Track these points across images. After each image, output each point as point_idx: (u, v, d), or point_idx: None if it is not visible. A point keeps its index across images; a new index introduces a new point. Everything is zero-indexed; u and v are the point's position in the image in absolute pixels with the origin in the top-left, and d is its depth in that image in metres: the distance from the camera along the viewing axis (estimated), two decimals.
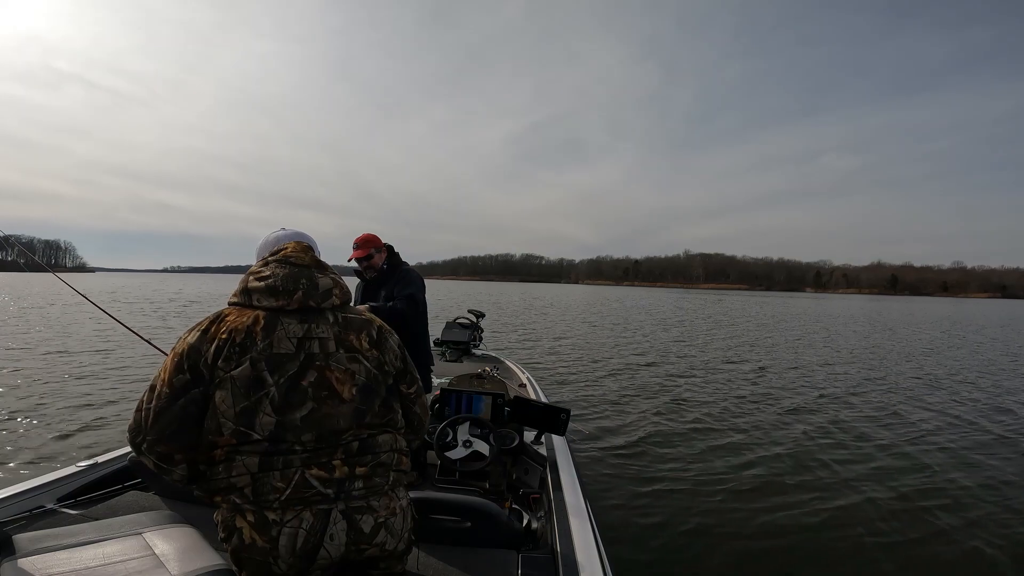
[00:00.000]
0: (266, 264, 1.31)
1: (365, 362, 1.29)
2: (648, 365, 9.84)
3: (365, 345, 1.31)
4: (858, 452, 4.90)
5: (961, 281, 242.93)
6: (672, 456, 4.60)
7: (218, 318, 1.23)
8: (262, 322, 1.21)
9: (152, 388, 1.18)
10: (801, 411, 6.42)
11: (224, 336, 1.18)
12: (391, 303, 2.86)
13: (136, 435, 1.18)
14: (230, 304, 1.28)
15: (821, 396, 7.40)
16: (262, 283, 1.25)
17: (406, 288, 2.93)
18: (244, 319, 1.22)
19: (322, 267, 1.34)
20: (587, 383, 7.83)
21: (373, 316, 1.41)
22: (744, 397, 7.15)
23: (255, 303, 1.25)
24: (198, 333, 1.21)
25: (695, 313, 28.87)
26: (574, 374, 8.59)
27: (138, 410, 1.18)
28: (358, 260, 2.95)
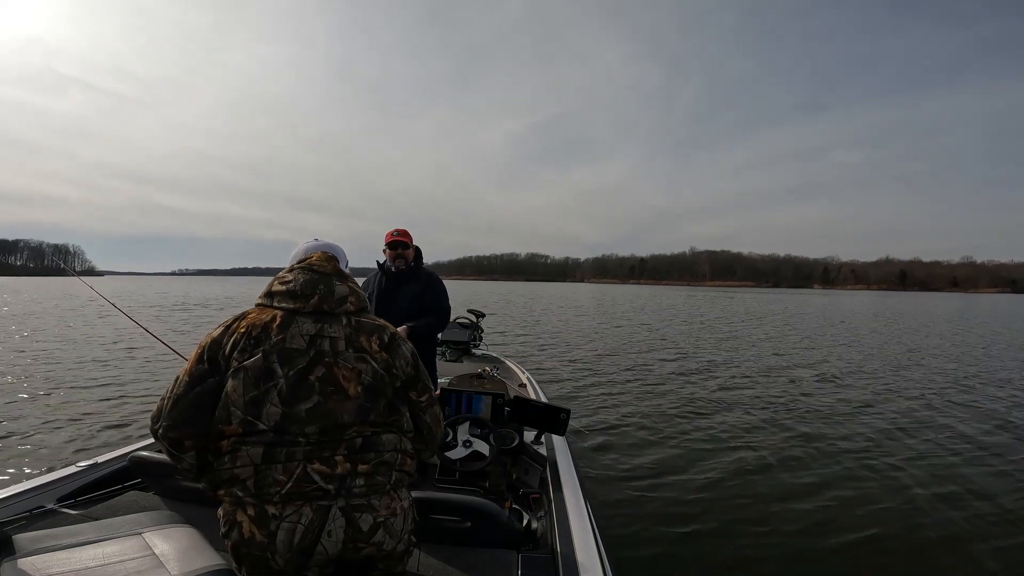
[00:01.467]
0: (291, 270, 1.40)
1: (373, 363, 1.32)
2: (650, 363, 9.82)
3: (375, 347, 1.35)
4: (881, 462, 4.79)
5: (971, 276, 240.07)
6: (673, 456, 4.59)
7: (241, 315, 1.32)
8: (278, 320, 1.29)
9: (176, 379, 1.26)
10: (820, 416, 6.31)
11: (242, 330, 1.27)
12: (427, 321, 2.92)
13: (155, 421, 1.26)
14: (256, 304, 1.37)
15: (846, 400, 7.31)
16: (284, 287, 1.35)
17: (439, 300, 3.01)
18: (264, 316, 1.30)
19: (342, 276, 1.42)
20: (587, 382, 7.82)
21: (387, 323, 1.44)
22: (751, 397, 7.12)
23: (275, 304, 1.33)
24: (221, 329, 1.30)
25: (701, 310, 28.74)
26: (574, 373, 8.58)
27: (161, 399, 1.26)
28: (394, 245, 2.96)
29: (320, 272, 1.38)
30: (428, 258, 3.18)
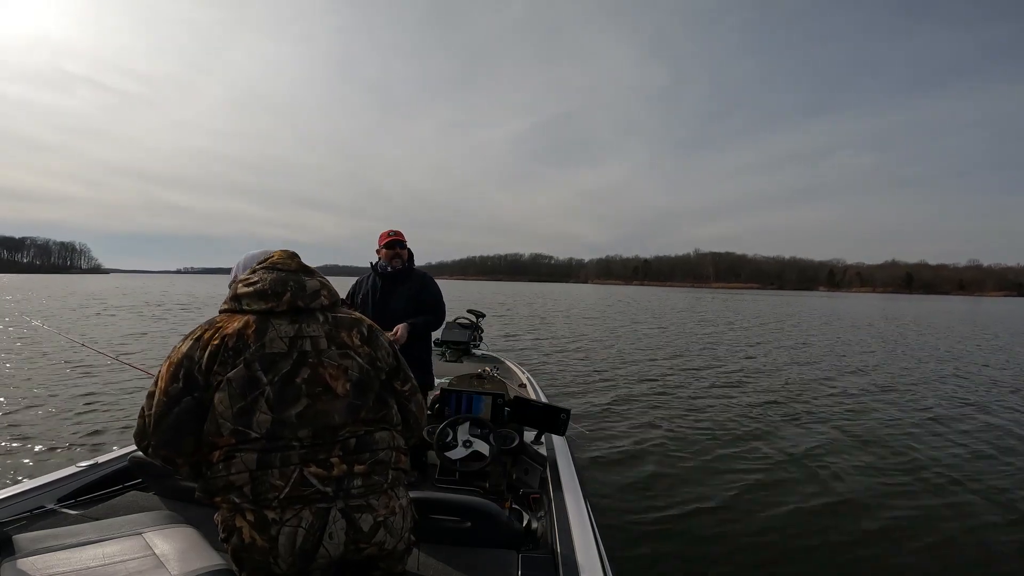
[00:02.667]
0: (254, 272, 1.35)
1: (357, 358, 1.31)
2: (651, 364, 9.81)
3: (357, 342, 1.33)
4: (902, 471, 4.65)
5: (977, 279, 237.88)
6: (674, 456, 4.58)
7: (210, 325, 1.27)
8: (253, 325, 1.25)
9: (150, 396, 1.22)
10: (824, 420, 6.22)
11: (217, 342, 1.22)
12: (425, 319, 2.94)
13: (141, 440, 1.23)
14: (221, 312, 1.32)
15: (855, 406, 7.21)
16: (251, 288, 1.30)
17: (436, 299, 3.03)
18: (236, 324, 1.25)
19: (309, 271, 1.38)
20: (587, 383, 7.81)
21: (362, 316, 1.44)
22: (755, 400, 7.09)
23: (245, 307, 1.28)
24: (191, 342, 1.24)
25: (709, 313, 28.67)
26: (574, 374, 8.57)
27: (140, 417, 1.23)
28: (391, 245, 2.96)
29: (286, 269, 1.34)
30: (432, 257, 3.22)
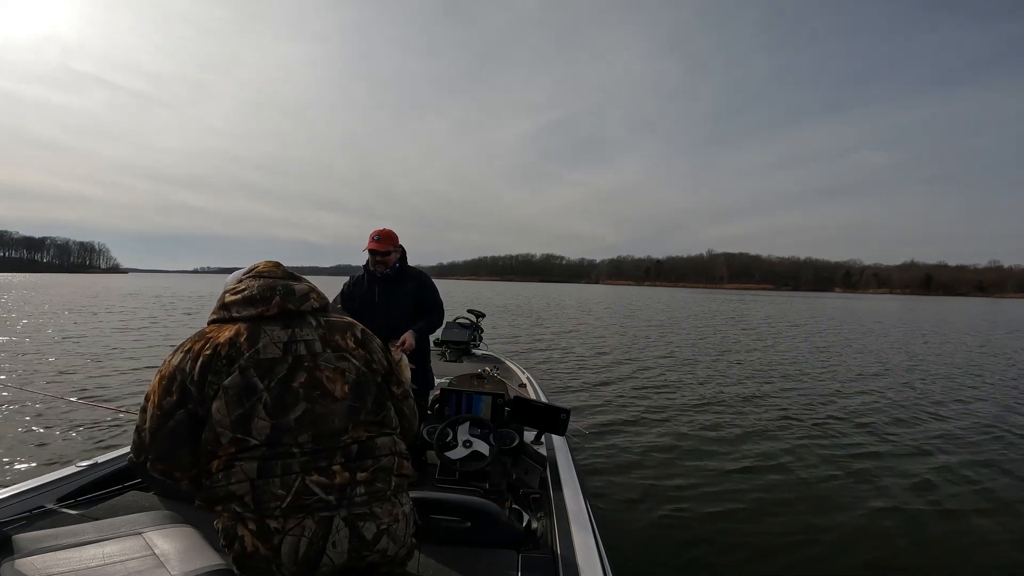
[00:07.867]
0: (240, 281, 1.36)
1: (353, 360, 1.31)
2: (653, 365, 9.77)
3: (351, 344, 1.34)
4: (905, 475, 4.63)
5: (998, 281, 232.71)
6: (674, 457, 4.58)
7: (200, 337, 1.27)
8: (245, 332, 1.25)
9: (144, 410, 1.23)
10: (826, 423, 6.16)
11: (209, 352, 1.22)
12: (429, 320, 2.94)
13: (139, 453, 1.24)
14: (210, 322, 1.32)
15: (853, 406, 7.16)
16: (239, 295, 1.30)
17: (436, 298, 3.02)
18: (227, 332, 1.25)
19: (295, 277, 1.39)
20: (588, 382, 7.81)
21: (354, 320, 1.44)
22: (754, 401, 7.03)
23: (234, 315, 1.28)
24: (181, 354, 1.24)
25: (708, 312, 28.41)
26: (575, 373, 8.56)
27: (137, 431, 1.24)
28: (374, 252, 2.88)
29: (272, 276, 1.35)
30: (443, 257, 3.18)
